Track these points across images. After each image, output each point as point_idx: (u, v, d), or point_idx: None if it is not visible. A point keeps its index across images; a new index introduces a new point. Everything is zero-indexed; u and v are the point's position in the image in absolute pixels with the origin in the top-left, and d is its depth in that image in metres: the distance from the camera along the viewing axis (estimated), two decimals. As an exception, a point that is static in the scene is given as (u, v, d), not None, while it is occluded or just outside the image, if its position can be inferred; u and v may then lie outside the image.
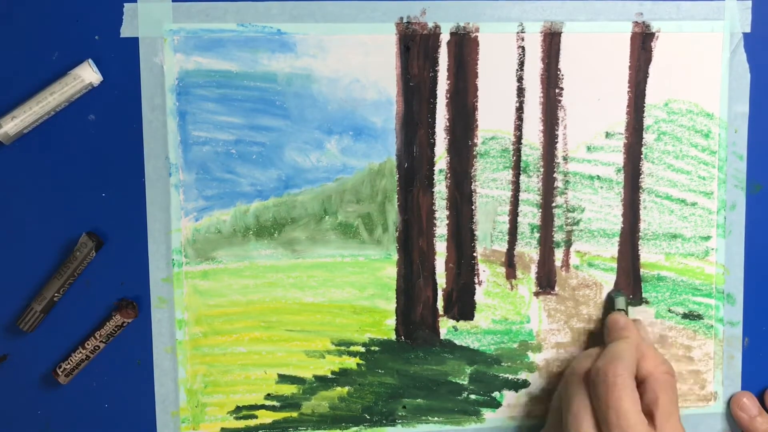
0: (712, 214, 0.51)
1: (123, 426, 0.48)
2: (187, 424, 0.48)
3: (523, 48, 0.48)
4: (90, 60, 0.45)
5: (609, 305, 0.50)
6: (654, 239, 0.50)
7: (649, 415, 0.43)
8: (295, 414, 0.49)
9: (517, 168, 0.49)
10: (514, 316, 0.50)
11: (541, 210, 0.50)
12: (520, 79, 0.49)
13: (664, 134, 0.50)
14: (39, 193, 0.46)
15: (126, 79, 0.46)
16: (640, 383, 0.44)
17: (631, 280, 0.51)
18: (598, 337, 0.50)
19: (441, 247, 0.49)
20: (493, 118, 0.49)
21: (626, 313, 0.49)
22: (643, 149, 0.50)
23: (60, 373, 0.46)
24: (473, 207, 0.49)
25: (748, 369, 0.52)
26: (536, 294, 0.50)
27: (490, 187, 0.49)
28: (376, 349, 0.49)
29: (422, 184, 0.49)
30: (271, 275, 0.48)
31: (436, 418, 0.50)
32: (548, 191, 0.50)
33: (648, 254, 0.51)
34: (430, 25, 0.48)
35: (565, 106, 0.49)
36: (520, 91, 0.49)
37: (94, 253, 0.46)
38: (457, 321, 0.50)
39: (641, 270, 0.51)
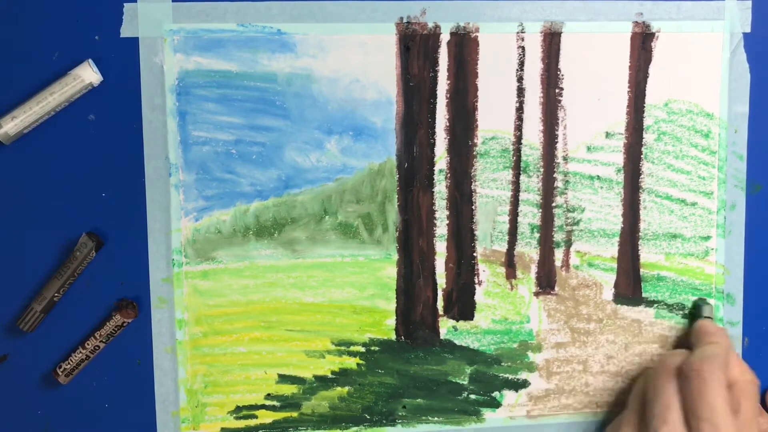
0: (712, 214, 0.51)
1: (123, 426, 0.48)
2: (187, 424, 0.48)
3: (523, 48, 0.48)
4: (90, 60, 0.45)
5: (695, 313, 0.51)
6: (654, 239, 0.50)
7: None
8: (295, 414, 0.49)
9: (517, 168, 0.49)
10: (514, 316, 0.50)
11: (541, 210, 0.50)
12: (520, 79, 0.49)
13: (664, 134, 0.50)
14: (39, 193, 0.46)
15: (126, 79, 0.46)
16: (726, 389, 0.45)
17: (631, 280, 0.51)
18: (598, 336, 0.50)
19: (441, 247, 0.49)
20: (493, 118, 0.49)
21: (712, 320, 0.50)
22: (643, 149, 0.50)
23: (60, 373, 0.46)
24: (473, 207, 0.49)
25: (748, 369, 0.52)
26: (536, 294, 0.50)
27: (490, 187, 0.49)
28: (376, 349, 0.49)
29: (422, 184, 0.49)
30: (271, 275, 0.48)
31: (436, 418, 0.50)
32: (548, 191, 0.50)
33: (648, 254, 0.51)
34: (430, 25, 0.48)
35: (565, 106, 0.49)
36: (520, 91, 0.49)
37: (94, 253, 0.46)
38: (457, 321, 0.50)
39: (641, 270, 0.51)
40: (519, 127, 0.49)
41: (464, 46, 0.48)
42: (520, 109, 0.49)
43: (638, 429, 0.45)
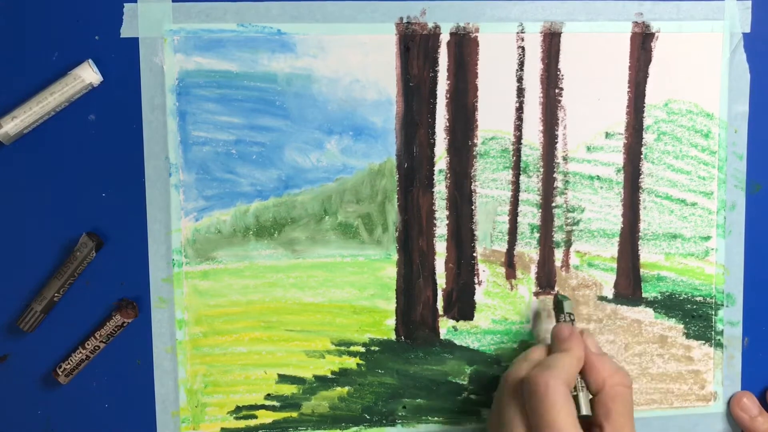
0: (712, 214, 0.51)
1: (123, 426, 0.48)
2: (187, 424, 0.48)
3: (523, 48, 0.48)
4: (90, 60, 0.45)
5: (557, 309, 0.49)
6: (654, 239, 0.50)
7: (600, 428, 0.42)
8: (295, 414, 0.49)
9: (517, 168, 0.49)
10: (514, 316, 0.50)
11: (541, 210, 0.50)
12: (520, 79, 0.49)
13: (664, 134, 0.50)
14: (39, 193, 0.46)
15: (126, 79, 0.46)
16: (594, 395, 0.43)
17: (631, 280, 0.51)
18: (598, 336, 0.50)
19: (441, 247, 0.49)
20: (493, 118, 0.49)
21: (573, 318, 0.48)
22: (643, 149, 0.50)
23: (60, 373, 0.46)
24: (473, 207, 0.49)
25: (748, 369, 0.52)
26: (536, 294, 0.50)
27: (490, 187, 0.49)
28: (376, 349, 0.49)
29: (422, 184, 0.49)
30: (271, 275, 0.48)
31: (436, 418, 0.50)
32: (548, 191, 0.50)
33: (648, 254, 0.51)
34: (430, 25, 0.48)
35: (565, 106, 0.49)
36: (520, 91, 0.49)
37: (94, 253, 0.46)
38: (457, 321, 0.50)
39: (641, 270, 0.51)
40: (519, 127, 0.49)
41: (464, 46, 0.48)
42: (520, 109, 0.49)
43: None
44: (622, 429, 0.42)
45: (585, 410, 0.43)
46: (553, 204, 0.50)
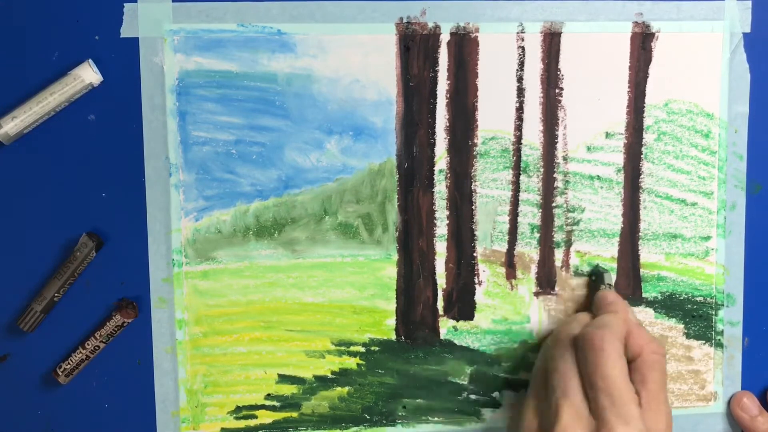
0: (712, 214, 0.51)
1: (123, 426, 0.48)
2: (187, 424, 0.48)
3: (523, 48, 0.48)
4: (90, 60, 0.45)
5: (596, 281, 0.50)
6: (654, 239, 0.50)
7: (636, 393, 0.42)
8: (295, 414, 0.49)
9: (517, 168, 0.49)
10: (514, 316, 0.50)
11: (541, 210, 0.50)
12: (520, 79, 0.49)
13: (664, 134, 0.50)
14: (39, 193, 0.46)
15: (126, 79, 0.46)
16: (630, 362, 0.44)
17: (631, 280, 0.51)
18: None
19: (441, 247, 0.49)
20: (493, 118, 0.49)
21: (612, 288, 0.49)
22: (643, 149, 0.50)
23: (60, 373, 0.46)
24: (473, 207, 0.49)
25: (748, 369, 0.52)
26: (536, 294, 0.50)
27: (490, 187, 0.49)
28: (376, 349, 0.49)
29: (422, 184, 0.49)
30: (271, 275, 0.48)
31: (436, 418, 0.50)
32: (548, 191, 0.50)
33: (648, 254, 0.51)
34: (430, 25, 0.48)
35: (565, 106, 0.49)
36: (520, 91, 0.49)
37: (94, 253, 0.46)
38: (457, 321, 0.50)
39: (641, 270, 0.51)
40: (519, 127, 0.49)
41: (464, 46, 0.48)
42: (520, 109, 0.49)
43: (540, 401, 0.44)
44: (658, 396, 0.42)
45: None
46: (553, 204, 0.50)
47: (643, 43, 0.49)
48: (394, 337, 0.49)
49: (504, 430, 0.51)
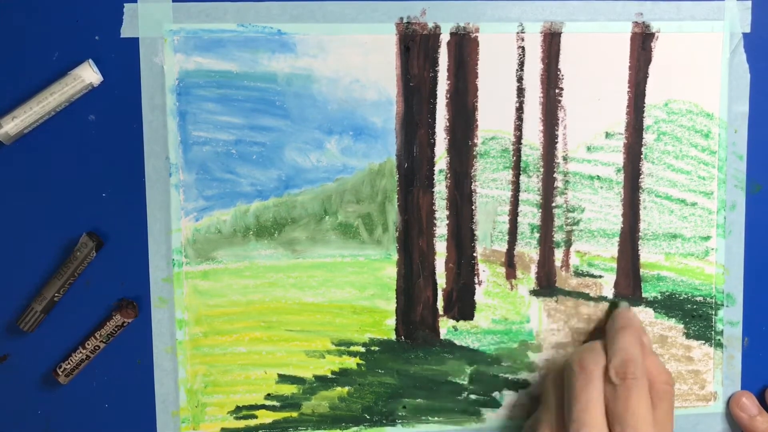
0: (712, 214, 0.51)
1: (123, 426, 0.48)
2: (187, 424, 0.48)
3: (523, 48, 0.48)
4: (90, 60, 0.45)
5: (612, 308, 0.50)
6: (654, 239, 0.50)
7: None
8: (295, 414, 0.49)
9: (517, 168, 0.49)
10: (514, 316, 0.50)
11: (541, 210, 0.50)
12: (520, 79, 0.49)
13: (664, 134, 0.50)
14: (39, 193, 0.46)
15: (126, 79, 0.46)
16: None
17: (631, 280, 0.51)
18: (598, 336, 0.50)
19: (441, 247, 0.49)
20: (493, 118, 0.49)
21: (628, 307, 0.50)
22: (643, 149, 0.50)
23: (60, 373, 0.46)
24: (473, 207, 0.49)
25: (747, 369, 0.52)
26: (536, 294, 0.50)
27: (490, 187, 0.49)
28: (376, 349, 0.49)
29: (422, 184, 0.49)
30: (271, 275, 0.48)
31: (436, 418, 0.50)
32: (548, 191, 0.50)
33: (648, 254, 0.51)
34: (430, 25, 0.48)
35: (565, 106, 0.49)
36: (520, 91, 0.49)
37: (94, 253, 0.46)
38: (457, 321, 0.50)
39: (641, 270, 0.51)
40: (519, 127, 0.49)
41: (464, 46, 0.48)
42: (520, 109, 0.49)
43: (556, 429, 0.45)
44: (665, 426, 0.44)
45: None
46: (553, 204, 0.50)
47: (643, 43, 0.49)
48: (394, 337, 0.49)
49: (504, 429, 0.51)
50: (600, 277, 0.50)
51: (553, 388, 0.47)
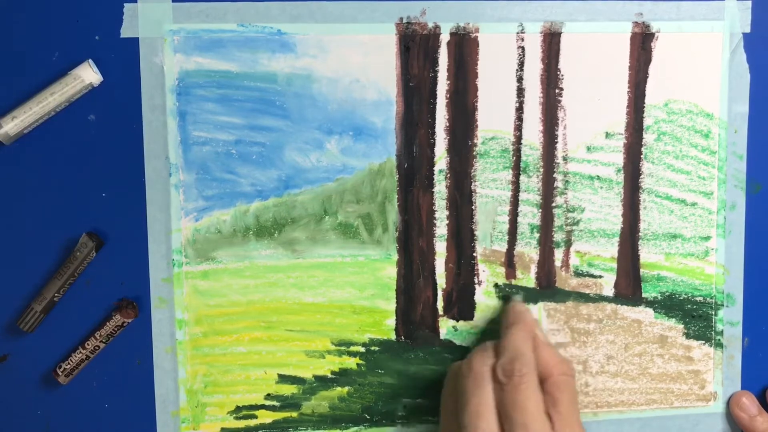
0: (712, 214, 0.51)
1: (123, 426, 0.48)
2: (187, 424, 0.48)
3: (523, 48, 0.48)
4: (90, 60, 0.45)
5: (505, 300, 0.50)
6: (654, 239, 0.50)
7: (548, 416, 0.42)
8: (295, 414, 0.49)
9: (517, 168, 0.49)
10: (514, 316, 0.50)
11: (541, 210, 0.50)
12: (520, 79, 0.49)
13: (664, 134, 0.50)
14: (39, 193, 0.46)
15: (126, 79, 0.46)
16: (541, 382, 0.43)
17: (631, 280, 0.51)
18: (598, 336, 0.50)
19: (441, 247, 0.49)
20: (493, 118, 0.49)
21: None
22: (643, 149, 0.50)
23: (60, 373, 0.46)
24: (473, 207, 0.49)
25: (747, 369, 0.52)
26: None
27: (490, 187, 0.49)
28: (376, 349, 0.49)
29: (422, 184, 0.49)
30: (271, 275, 0.48)
31: (436, 418, 0.50)
32: (548, 191, 0.50)
33: (648, 254, 0.51)
34: (430, 25, 0.48)
35: (565, 106, 0.49)
36: (520, 91, 0.49)
37: (94, 253, 0.46)
38: (457, 321, 0.50)
39: (641, 270, 0.51)
40: (519, 127, 0.49)
41: (464, 46, 0.48)
42: (520, 109, 0.49)
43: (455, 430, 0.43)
44: (570, 417, 0.42)
45: None
46: (553, 204, 0.50)
47: (643, 43, 0.49)
48: (394, 337, 0.49)
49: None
50: (600, 277, 0.50)
51: (449, 396, 0.46)
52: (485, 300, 0.50)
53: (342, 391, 0.49)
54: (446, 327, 0.50)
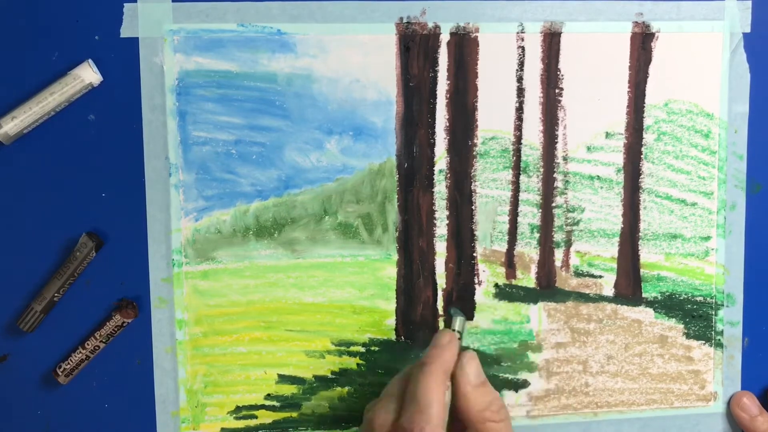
0: (712, 214, 0.51)
1: (123, 426, 0.48)
2: (187, 424, 0.48)
3: (523, 48, 0.48)
4: (90, 60, 0.45)
5: (448, 321, 0.48)
6: (654, 239, 0.50)
7: None
8: (295, 414, 0.49)
9: (517, 168, 0.49)
10: (514, 316, 0.50)
11: (541, 210, 0.50)
12: (520, 79, 0.49)
13: (664, 134, 0.50)
14: (39, 193, 0.46)
15: (126, 79, 0.46)
16: (466, 427, 0.41)
17: (631, 280, 0.51)
18: (598, 336, 0.50)
19: (441, 247, 0.49)
20: (493, 118, 0.49)
21: (461, 335, 0.45)
22: (643, 149, 0.50)
23: (60, 373, 0.46)
24: (473, 207, 0.49)
25: (748, 369, 0.52)
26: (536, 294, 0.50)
27: (490, 187, 0.49)
28: (376, 349, 0.49)
29: (422, 184, 0.49)
30: (271, 275, 0.48)
31: (436, 418, 0.50)
32: (548, 191, 0.50)
33: (648, 254, 0.51)
34: (430, 25, 0.48)
35: (565, 106, 0.49)
36: (520, 91, 0.49)
37: (94, 253, 0.46)
38: (457, 321, 0.50)
39: (641, 270, 0.51)
40: (519, 127, 0.49)
41: (464, 46, 0.48)
42: (520, 109, 0.49)
43: None
44: None
45: None
46: (553, 204, 0.50)
47: (643, 43, 0.49)
48: (394, 337, 0.49)
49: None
50: (600, 277, 0.50)
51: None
52: (485, 300, 0.50)
53: (342, 391, 0.49)
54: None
